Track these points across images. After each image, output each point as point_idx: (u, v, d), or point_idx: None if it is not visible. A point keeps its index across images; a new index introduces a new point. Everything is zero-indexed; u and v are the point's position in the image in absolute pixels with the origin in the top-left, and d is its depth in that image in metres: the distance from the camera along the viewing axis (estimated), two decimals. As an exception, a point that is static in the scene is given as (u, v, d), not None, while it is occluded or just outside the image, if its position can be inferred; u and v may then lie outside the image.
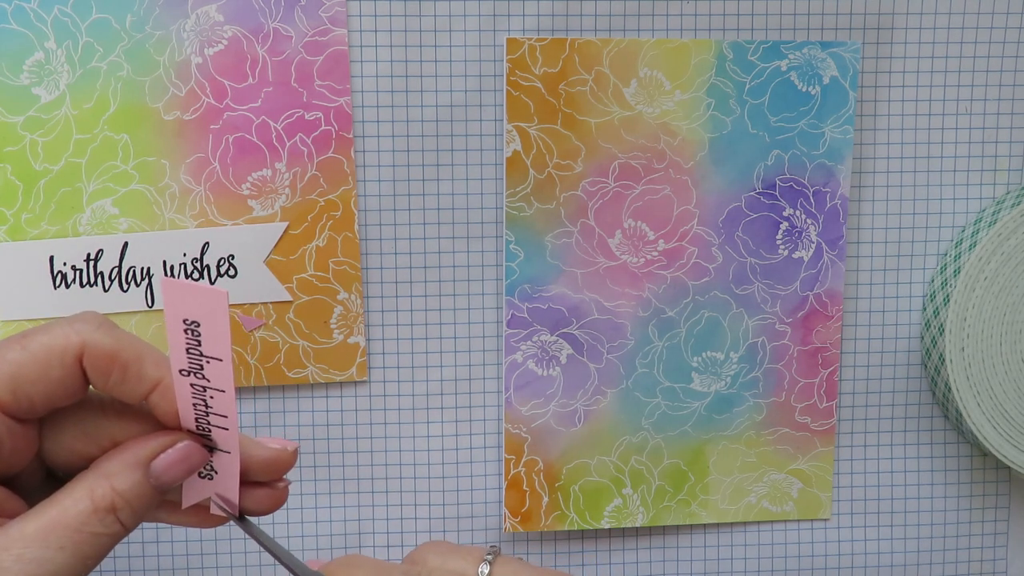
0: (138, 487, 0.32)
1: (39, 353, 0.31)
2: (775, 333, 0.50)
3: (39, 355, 0.31)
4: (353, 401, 0.49)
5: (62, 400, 0.32)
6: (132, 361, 0.32)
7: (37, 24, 0.44)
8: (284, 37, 0.45)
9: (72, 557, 0.31)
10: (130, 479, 0.32)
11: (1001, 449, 0.48)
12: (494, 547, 0.34)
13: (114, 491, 0.32)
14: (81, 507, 0.31)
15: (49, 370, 0.31)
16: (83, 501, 0.31)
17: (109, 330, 0.32)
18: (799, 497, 0.51)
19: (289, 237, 0.47)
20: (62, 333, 0.32)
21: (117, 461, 0.32)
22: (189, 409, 0.32)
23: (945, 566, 0.53)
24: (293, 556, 0.34)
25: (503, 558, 0.34)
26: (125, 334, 0.32)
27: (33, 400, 0.31)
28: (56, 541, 0.31)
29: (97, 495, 0.31)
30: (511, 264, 0.48)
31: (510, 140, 0.47)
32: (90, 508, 0.31)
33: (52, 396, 0.32)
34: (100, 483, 0.32)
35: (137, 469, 0.32)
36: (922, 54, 0.49)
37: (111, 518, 0.32)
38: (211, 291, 0.28)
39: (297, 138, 0.46)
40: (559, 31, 0.47)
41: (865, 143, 0.49)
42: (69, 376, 0.31)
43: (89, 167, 0.45)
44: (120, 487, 0.32)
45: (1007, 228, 0.47)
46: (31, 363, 0.31)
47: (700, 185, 0.48)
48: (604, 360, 0.49)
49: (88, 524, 0.31)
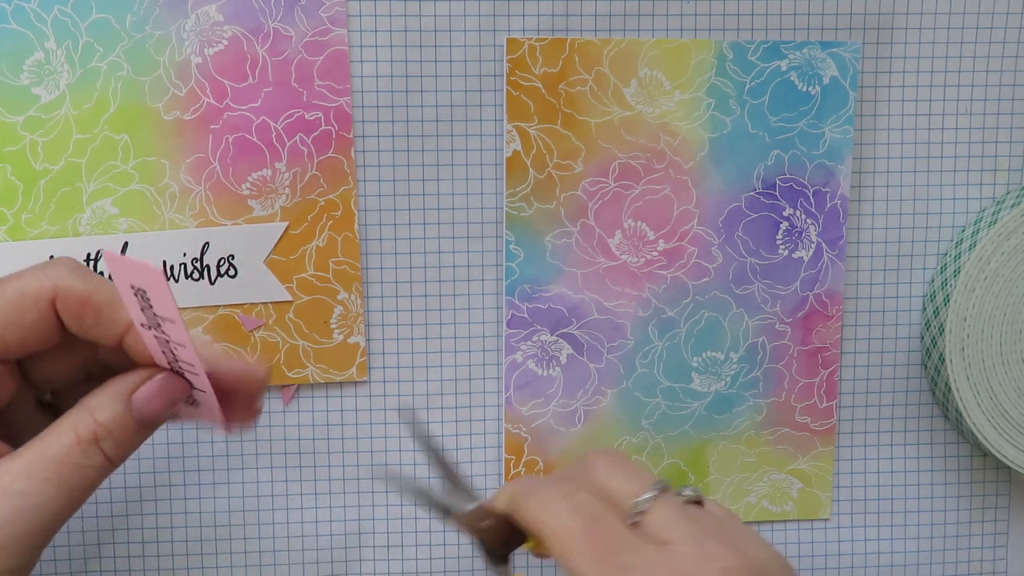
0: (120, 418, 0.33)
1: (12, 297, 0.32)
2: (775, 333, 0.50)
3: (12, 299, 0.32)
4: (353, 401, 0.48)
5: (36, 344, 0.33)
6: (105, 304, 0.32)
7: (37, 24, 0.44)
8: (284, 37, 0.45)
9: (57, 489, 0.32)
10: (111, 411, 0.33)
11: (1001, 449, 0.48)
12: (663, 481, 0.33)
13: (96, 422, 0.32)
14: (65, 440, 0.32)
15: (23, 314, 0.32)
16: (67, 435, 0.32)
17: (83, 274, 0.33)
18: (799, 497, 0.51)
19: (289, 237, 0.47)
20: (35, 278, 0.32)
21: (99, 395, 0.33)
22: (160, 355, 0.33)
23: (945, 566, 0.53)
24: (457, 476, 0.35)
25: (667, 496, 0.32)
26: (99, 278, 0.33)
27: (7, 343, 0.32)
28: (41, 473, 0.32)
29: (80, 427, 0.32)
30: (511, 264, 0.48)
31: (510, 140, 0.47)
32: (73, 440, 0.32)
33: (26, 340, 0.32)
34: (83, 416, 0.33)
35: (119, 401, 0.33)
36: (922, 54, 0.49)
37: (94, 449, 0.32)
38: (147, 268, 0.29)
39: (297, 138, 0.46)
40: (559, 31, 0.47)
41: (865, 143, 0.49)
42: (43, 320, 0.32)
43: (89, 167, 0.45)
44: (102, 419, 0.32)
45: (1007, 228, 0.47)
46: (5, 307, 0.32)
47: (700, 185, 0.48)
48: (604, 360, 0.49)
49: (72, 455, 0.32)
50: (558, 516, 0.31)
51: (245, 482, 0.48)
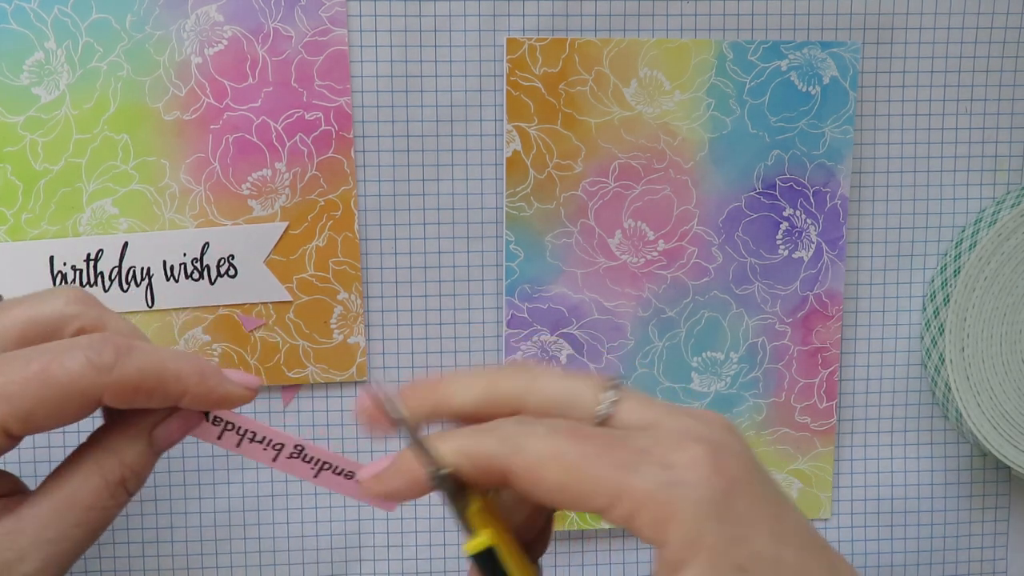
0: (143, 457, 0.33)
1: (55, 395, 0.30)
2: (775, 333, 0.50)
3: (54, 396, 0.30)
4: (353, 401, 0.48)
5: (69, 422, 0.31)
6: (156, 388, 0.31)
7: (37, 24, 0.44)
8: (284, 37, 0.45)
9: (86, 532, 0.32)
10: (135, 450, 0.32)
11: (1001, 449, 0.48)
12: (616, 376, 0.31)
13: (122, 464, 0.32)
14: (93, 484, 0.32)
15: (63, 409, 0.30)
16: (93, 478, 0.32)
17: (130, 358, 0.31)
18: (799, 497, 0.51)
19: (289, 237, 0.47)
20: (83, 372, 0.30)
21: (123, 435, 0.33)
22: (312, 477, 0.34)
23: (945, 566, 0.52)
24: None
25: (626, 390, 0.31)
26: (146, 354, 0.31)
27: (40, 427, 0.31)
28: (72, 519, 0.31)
29: (107, 471, 0.32)
30: (511, 264, 0.48)
31: (510, 140, 0.47)
32: (102, 485, 0.32)
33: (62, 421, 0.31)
34: (108, 459, 0.32)
35: (141, 440, 0.33)
36: (922, 54, 0.49)
37: (120, 490, 0.32)
38: None
39: (297, 138, 0.46)
40: (559, 31, 0.47)
41: (865, 143, 0.49)
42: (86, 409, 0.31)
43: (89, 167, 0.45)
44: (128, 460, 0.32)
45: (1007, 228, 0.47)
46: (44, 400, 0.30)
47: (700, 185, 0.48)
48: (604, 360, 0.49)
49: (100, 499, 0.32)
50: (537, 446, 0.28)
51: (245, 482, 0.48)
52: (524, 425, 0.29)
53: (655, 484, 0.27)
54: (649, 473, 0.28)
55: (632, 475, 0.28)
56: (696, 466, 0.28)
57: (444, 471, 0.29)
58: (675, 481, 0.28)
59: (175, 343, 0.46)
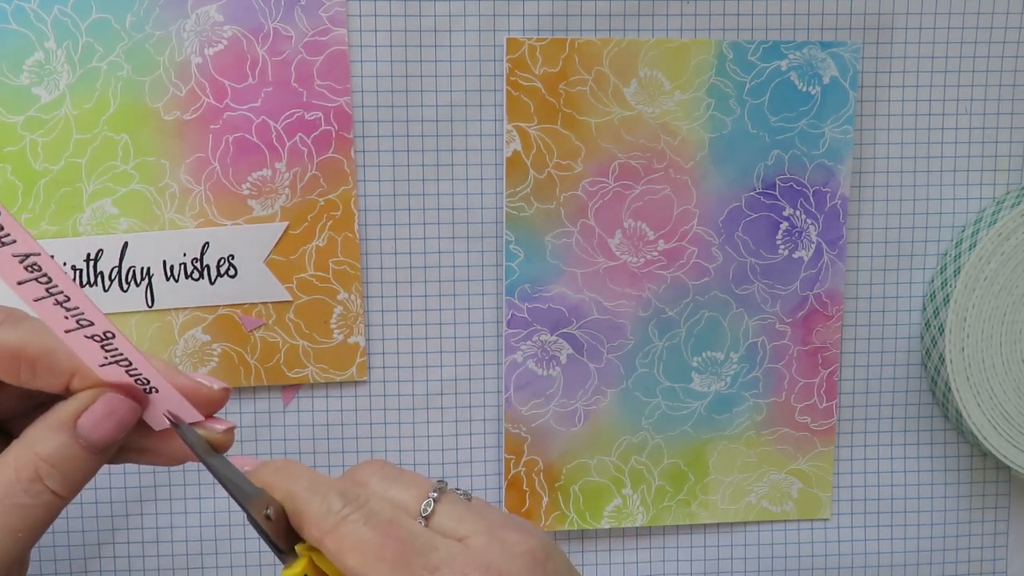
0: (64, 449, 0.30)
1: None
2: (775, 333, 0.50)
3: None
4: (353, 401, 0.49)
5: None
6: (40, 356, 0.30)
7: (37, 24, 0.44)
8: (284, 37, 0.45)
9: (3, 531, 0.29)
10: (54, 442, 0.30)
11: (1001, 449, 0.48)
12: (442, 482, 0.32)
13: (37, 457, 0.30)
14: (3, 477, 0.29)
15: None
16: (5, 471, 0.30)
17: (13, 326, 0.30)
18: (799, 497, 0.51)
19: (289, 237, 0.47)
20: None
21: (39, 426, 0.30)
22: (98, 360, 0.30)
23: (945, 566, 0.53)
24: (232, 466, 0.32)
25: (449, 495, 0.32)
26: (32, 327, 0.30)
27: None
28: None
29: (20, 463, 0.30)
30: (511, 264, 0.48)
31: (510, 140, 0.47)
32: (12, 478, 0.29)
33: None
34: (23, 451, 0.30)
35: (61, 431, 0.30)
36: (922, 54, 0.49)
37: (38, 486, 0.30)
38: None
39: (297, 138, 0.46)
40: (559, 31, 0.47)
41: (865, 143, 0.49)
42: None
43: (89, 167, 0.45)
44: (44, 452, 0.30)
45: (1007, 228, 0.47)
46: None
47: (700, 185, 0.48)
48: (604, 360, 0.49)
49: (11, 494, 0.29)
50: (353, 528, 0.30)
51: (245, 482, 0.48)
52: (350, 505, 0.30)
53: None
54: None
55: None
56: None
57: (269, 512, 0.31)
58: None
59: (175, 343, 0.46)
